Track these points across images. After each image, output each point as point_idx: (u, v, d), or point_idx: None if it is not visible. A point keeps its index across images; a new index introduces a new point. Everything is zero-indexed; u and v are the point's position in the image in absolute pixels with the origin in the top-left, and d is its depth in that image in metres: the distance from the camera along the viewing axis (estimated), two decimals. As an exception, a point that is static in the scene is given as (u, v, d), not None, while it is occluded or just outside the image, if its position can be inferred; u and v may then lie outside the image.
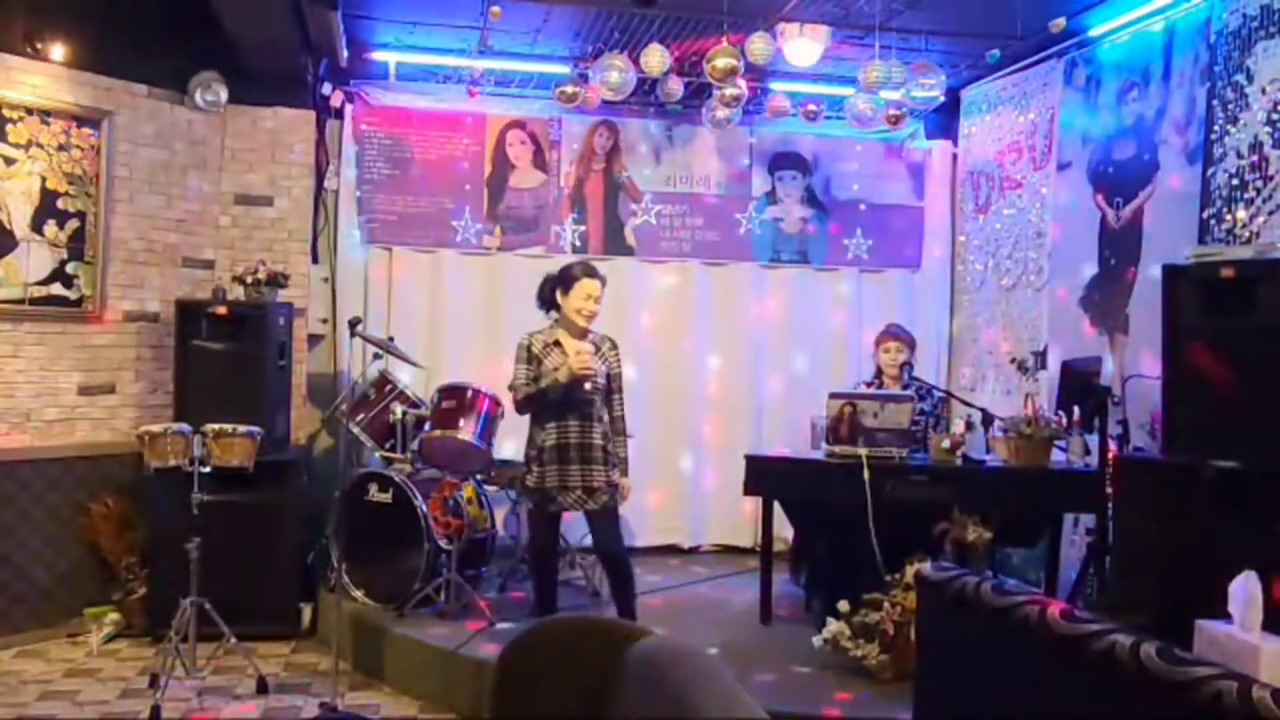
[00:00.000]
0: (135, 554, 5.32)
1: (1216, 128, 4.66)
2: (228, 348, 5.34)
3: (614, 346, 4.48)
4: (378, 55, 6.35)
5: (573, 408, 4.30)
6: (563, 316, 4.43)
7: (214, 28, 5.20)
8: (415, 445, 5.26)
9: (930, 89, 5.50)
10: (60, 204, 5.27)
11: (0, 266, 5.07)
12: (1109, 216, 5.41)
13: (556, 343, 4.39)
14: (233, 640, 4.56)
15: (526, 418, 4.48)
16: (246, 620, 4.83)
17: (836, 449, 4.73)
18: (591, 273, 4.43)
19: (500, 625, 4.74)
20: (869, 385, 5.40)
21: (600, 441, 4.32)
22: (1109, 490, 4.36)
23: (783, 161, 6.87)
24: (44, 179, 5.20)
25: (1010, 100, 6.31)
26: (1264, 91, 4.41)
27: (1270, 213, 4.33)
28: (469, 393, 5.15)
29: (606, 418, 4.39)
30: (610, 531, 4.41)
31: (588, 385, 4.28)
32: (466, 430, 5.04)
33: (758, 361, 6.80)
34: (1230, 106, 4.59)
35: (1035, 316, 5.97)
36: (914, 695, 2.94)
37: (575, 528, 5.15)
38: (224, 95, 5.74)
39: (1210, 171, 4.67)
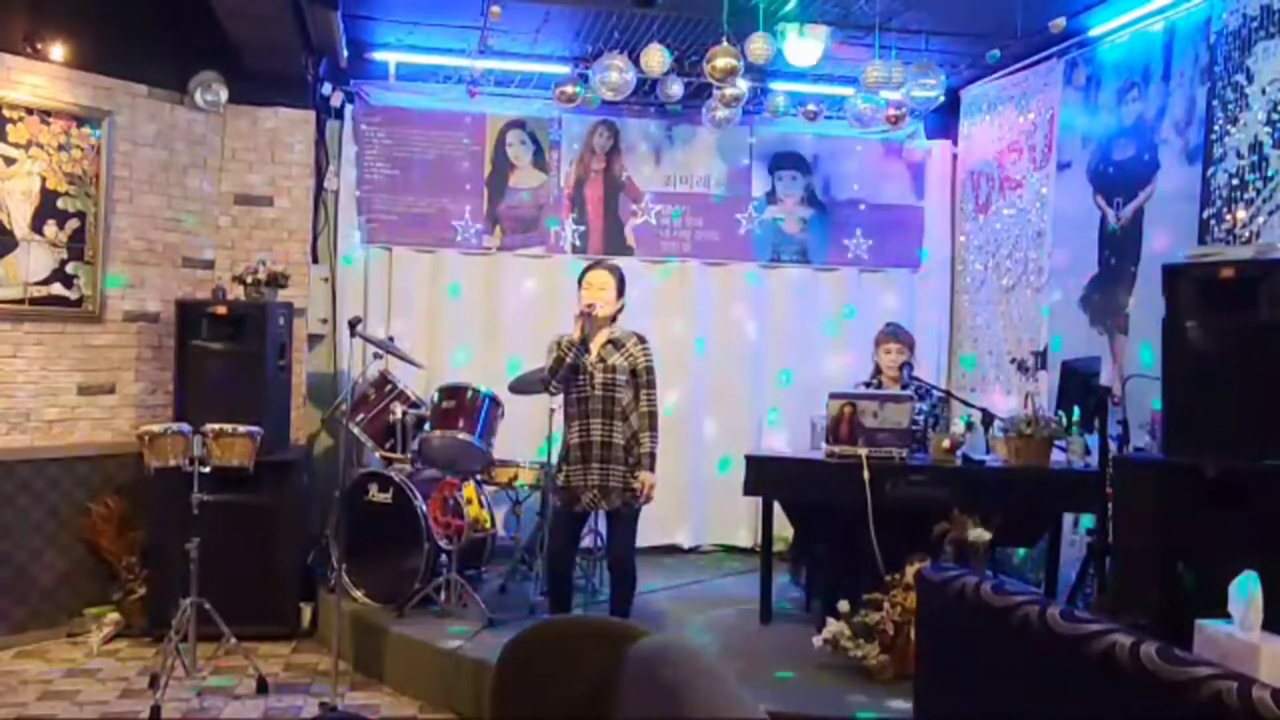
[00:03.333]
0: (135, 554, 5.32)
1: (1216, 128, 4.66)
2: (228, 348, 5.33)
3: (640, 342, 4.35)
4: (378, 55, 6.36)
5: (596, 406, 4.27)
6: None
7: (214, 28, 5.20)
8: (415, 445, 5.26)
9: (930, 89, 5.50)
10: (60, 204, 5.26)
11: (0, 266, 5.07)
12: (1109, 216, 5.41)
13: (583, 342, 4.33)
14: (233, 640, 4.56)
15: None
16: (246, 620, 4.83)
17: (836, 449, 4.73)
18: (597, 265, 4.49)
19: (500, 625, 4.74)
20: (867, 385, 5.39)
21: (621, 441, 4.25)
22: (1109, 490, 4.36)
23: (783, 161, 6.86)
24: (44, 179, 5.20)
25: (1010, 100, 6.31)
26: (1264, 91, 4.41)
27: (1270, 213, 4.33)
28: (469, 393, 5.15)
29: (634, 417, 4.30)
30: (623, 537, 4.37)
31: (594, 372, 4.27)
32: (466, 430, 5.03)
33: (757, 361, 6.79)
34: (1230, 106, 4.59)
35: (1035, 316, 5.97)
36: (914, 695, 2.94)
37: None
38: (224, 95, 5.74)
39: (1210, 171, 4.67)
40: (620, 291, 4.36)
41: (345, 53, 6.05)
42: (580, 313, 4.27)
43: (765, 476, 4.93)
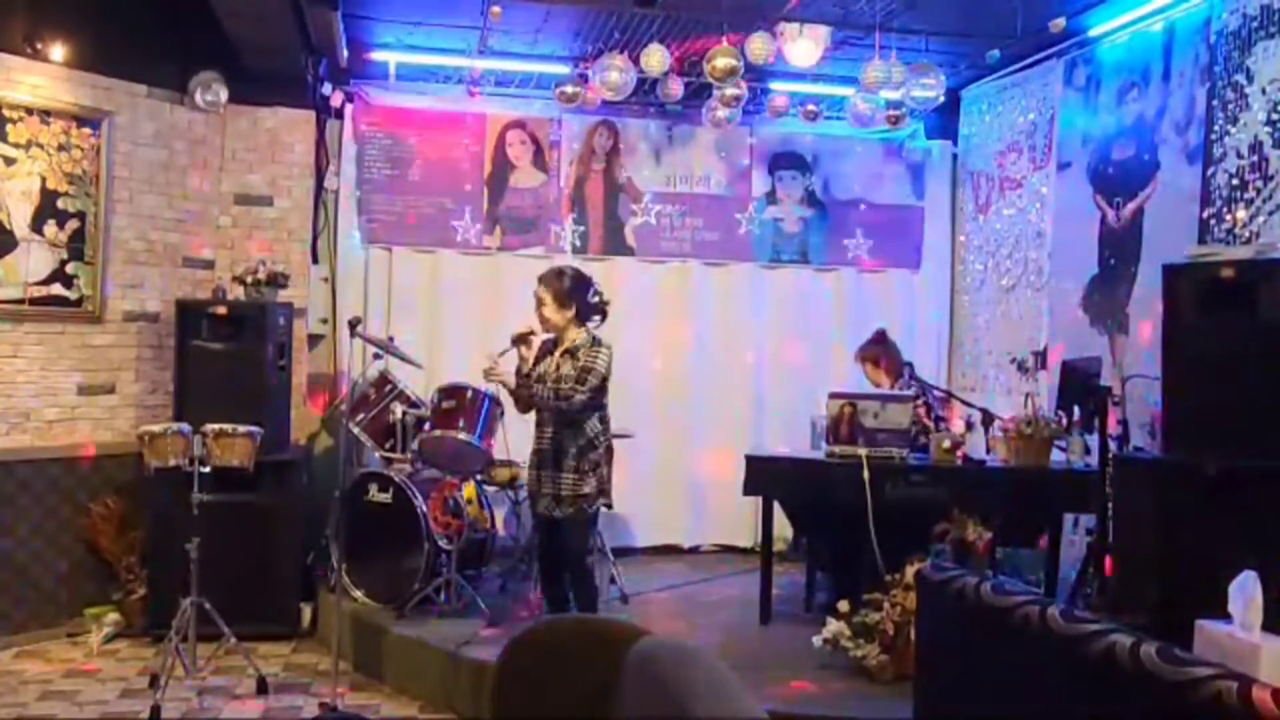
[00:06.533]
0: (135, 554, 5.32)
1: (1216, 128, 4.66)
2: (228, 348, 5.33)
3: (595, 345, 4.25)
4: (378, 55, 6.35)
5: (547, 415, 4.28)
6: None
7: (214, 28, 5.20)
8: (415, 445, 5.26)
9: (930, 89, 5.50)
10: (60, 204, 5.26)
11: (0, 266, 5.07)
12: (1109, 216, 5.41)
13: (550, 350, 4.34)
14: (233, 640, 4.56)
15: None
16: (246, 620, 4.83)
17: (836, 449, 4.73)
18: (538, 279, 4.37)
19: (500, 625, 4.74)
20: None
21: (572, 448, 4.22)
22: (1109, 490, 4.36)
23: (783, 161, 6.87)
24: (44, 179, 5.20)
25: (1010, 100, 6.31)
26: (1264, 91, 4.41)
27: (1270, 213, 4.33)
28: (469, 393, 5.14)
29: (589, 424, 4.24)
30: (576, 540, 4.30)
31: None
32: (466, 430, 5.03)
33: (758, 362, 6.79)
34: (1230, 106, 4.59)
35: (1035, 316, 5.97)
36: (914, 695, 2.94)
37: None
38: (224, 95, 5.74)
39: (1210, 171, 4.67)
40: (562, 298, 4.24)
41: (345, 53, 6.05)
42: (514, 340, 4.31)
43: (765, 476, 4.92)
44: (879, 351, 5.34)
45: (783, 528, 5.55)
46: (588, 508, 4.26)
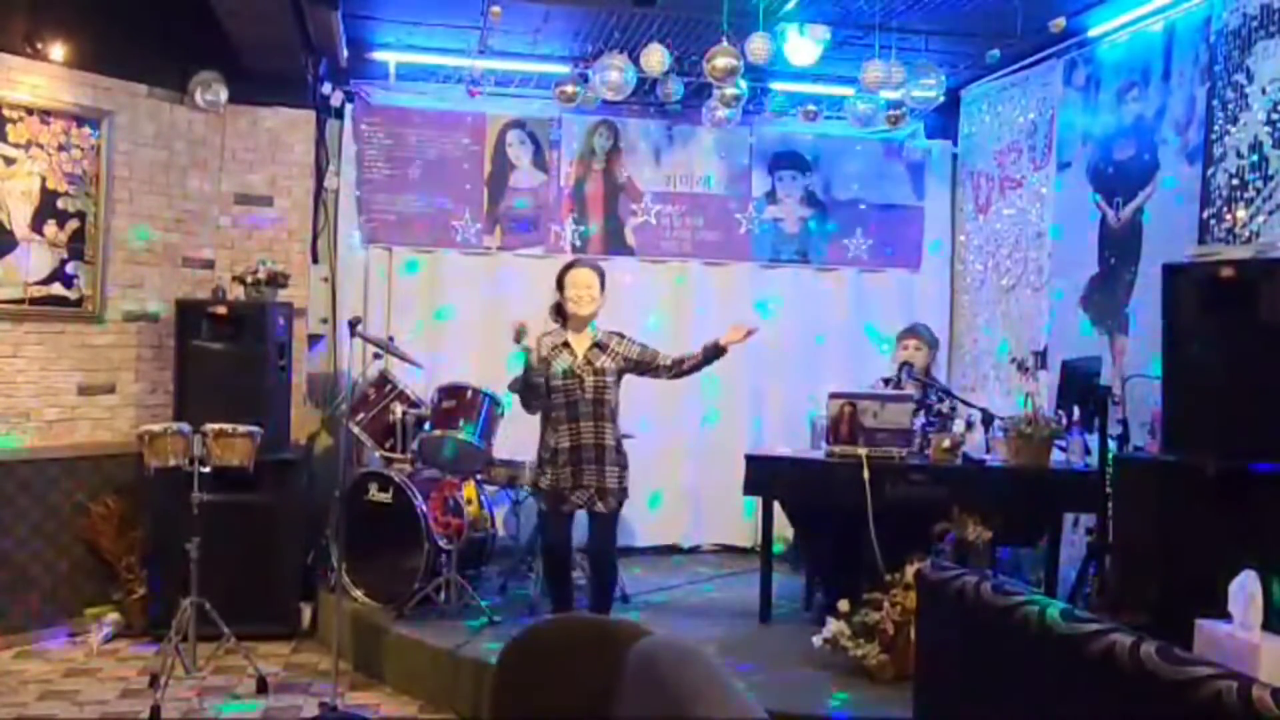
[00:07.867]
0: (135, 554, 5.32)
1: (1216, 128, 4.65)
2: (228, 348, 5.33)
3: (622, 338, 4.43)
4: (378, 55, 6.35)
5: (587, 410, 4.29)
6: (569, 317, 4.42)
7: (214, 28, 5.20)
8: (415, 445, 5.26)
9: (930, 89, 5.50)
10: (60, 204, 5.26)
11: (0, 266, 5.06)
12: (1109, 216, 5.41)
13: (565, 344, 4.37)
14: (233, 640, 4.56)
15: (534, 420, 4.48)
16: (246, 620, 4.83)
17: (836, 449, 4.73)
18: (578, 264, 4.50)
19: (500, 625, 4.74)
20: (887, 382, 5.40)
21: (612, 443, 4.33)
22: (1109, 490, 4.36)
23: (783, 161, 6.86)
24: (44, 179, 5.20)
25: (1010, 100, 6.31)
26: (1264, 91, 4.41)
27: (1270, 213, 4.32)
28: (469, 393, 5.14)
29: (660, 371, 4.41)
30: (608, 534, 4.43)
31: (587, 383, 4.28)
32: (466, 430, 5.03)
33: (757, 361, 6.78)
34: (1230, 106, 4.58)
35: (1035, 316, 5.96)
36: (914, 695, 2.94)
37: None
38: (224, 95, 5.74)
39: (1210, 171, 4.67)
40: (603, 288, 4.41)
41: (345, 52, 6.05)
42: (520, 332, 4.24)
43: (765, 476, 4.92)
44: (924, 336, 5.39)
45: (783, 528, 5.55)
46: (624, 499, 4.39)
